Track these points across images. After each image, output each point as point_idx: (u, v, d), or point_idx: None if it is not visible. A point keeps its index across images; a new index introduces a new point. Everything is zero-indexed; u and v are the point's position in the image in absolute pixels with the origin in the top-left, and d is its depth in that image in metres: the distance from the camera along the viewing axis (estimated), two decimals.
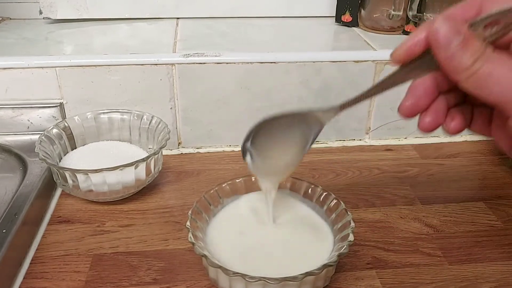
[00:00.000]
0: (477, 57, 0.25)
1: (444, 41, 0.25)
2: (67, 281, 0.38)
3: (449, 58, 0.26)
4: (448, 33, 0.25)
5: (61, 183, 0.46)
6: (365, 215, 0.47)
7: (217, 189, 0.42)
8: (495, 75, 0.25)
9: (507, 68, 0.24)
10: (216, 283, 0.36)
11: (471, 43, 0.25)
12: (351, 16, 0.64)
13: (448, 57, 0.26)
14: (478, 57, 0.25)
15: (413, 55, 0.28)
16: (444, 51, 0.26)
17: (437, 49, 0.26)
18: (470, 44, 0.25)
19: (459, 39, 0.25)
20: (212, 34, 0.62)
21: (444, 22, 0.25)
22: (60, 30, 0.63)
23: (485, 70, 0.25)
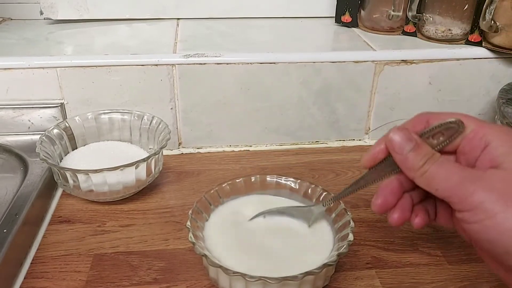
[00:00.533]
0: (426, 159, 0.30)
1: (398, 147, 0.31)
2: (67, 281, 0.38)
3: (403, 161, 0.31)
4: (401, 140, 0.31)
5: (62, 183, 0.46)
6: (365, 215, 0.47)
7: (217, 189, 0.42)
8: (439, 174, 0.30)
9: (449, 169, 0.30)
10: (216, 282, 0.37)
11: (421, 148, 0.31)
12: (350, 17, 0.64)
13: (402, 160, 0.31)
14: (427, 160, 0.30)
15: (377, 160, 0.34)
16: (399, 155, 0.31)
17: (394, 153, 0.32)
18: (420, 148, 0.31)
19: (411, 145, 0.31)
20: (212, 35, 0.62)
21: (398, 132, 0.32)
22: (61, 31, 0.63)
23: (432, 170, 0.30)
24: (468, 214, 0.28)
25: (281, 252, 0.38)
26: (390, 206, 0.34)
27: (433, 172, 0.30)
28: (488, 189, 0.28)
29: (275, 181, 0.44)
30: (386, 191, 0.34)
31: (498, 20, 0.54)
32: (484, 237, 0.28)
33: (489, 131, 0.30)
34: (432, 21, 0.59)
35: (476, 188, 0.28)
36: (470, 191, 0.28)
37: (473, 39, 0.57)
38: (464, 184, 0.29)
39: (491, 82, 0.58)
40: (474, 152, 0.31)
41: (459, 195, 0.29)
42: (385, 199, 0.33)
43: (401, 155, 0.31)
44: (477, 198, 0.28)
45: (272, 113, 0.57)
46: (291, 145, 0.60)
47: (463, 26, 0.57)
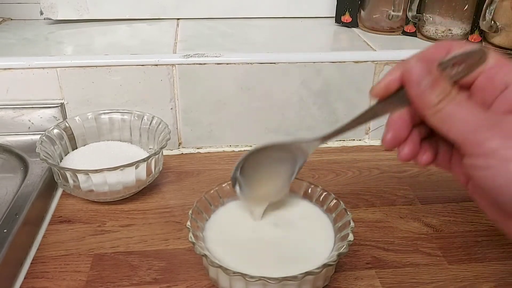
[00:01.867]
0: (443, 97, 0.28)
1: (415, 80, 0.29)
2: (68, 280, 0.38)
3: (419, 96, 0.29)
4: (419, 73, 0.29)
5: (62, 183, 0.46)
6: (365, 215, 0.47)
7: (217, 189, 0.42)
8: (455, 115, 0.28)
9: (465, 111, 0.28)
10: (216, 282, 0.37)
11: (439, 84, 0.29)
12: (351, 17, 0.64)
13: (418, 95, 0.29)
14: (444, 97, 0.28)
15: (390, 91, 0.31)
16: (415, 89, 0.29)
17: (409, 87, 0.30)
18: (438, 85, 0.29)
19: (429, 80, 0.29)
20: (213, 35, 0.62)
21: (417, 63, 0.29)
22: (61, 31, 0.63)
23: (448, 110, 0.28)
24: (480, 159, 0.27)
25: (281, 252, 0.38)
26: (401, 140, 0.32)
27: (449, 112, 0.28)
28: (504, 136, 0.26)
29: None
30: (396, 124, 0.32)
31: (498, 20, 0.54)
32: (492, 184, 0.27)
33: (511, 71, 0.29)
34: (432, 21, 0.59)
35: (493, 134, 0.27)
36: (486, 137, 0.27)
37: (473, 39, 0.57)
38: (481, 129, 0.27)
39: None
40: (493, 91, 0.29)
41: (474, 140, 0.27)
42: (396, 133, 0.32)
43: (417, 89, 0.29)
44: (492, 145, 0.26)
45: (272, 113, 0.57)
46: None
47: (463, 26, 0.57)
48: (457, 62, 0.29)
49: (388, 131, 0.32)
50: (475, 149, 0.27)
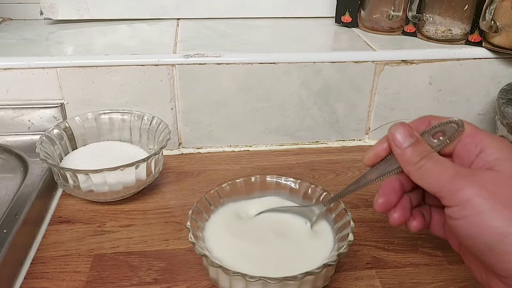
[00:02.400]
0: (423, 156, 0.32)
1: (398, 141, 0.33)
2: (67, 281, 0.38)
3: (402, 155, 0.33)
4: (402, 135, 0.33)
5: (62, 183, 0.46)
6: (365, 215, 0.47)
7: (217, 189, 0.42)
8: (434, 169, 0.31)
9: (443, 165, 0.31)
10: (216, 283, 0.37)
11: (420, 144, 0.32)
12: (350, 17, 0.64)
13: (401, 154, 0.33)
14: (424, 156, 0.32)
15: (379, 158, 0.35)
16: (398, 149, 0.33)
17: (394, 147, 0.33)
18: (419, 145, 0.32)
19: (411, 140, 0.32)
20: (213, 35, 0.62)
21: (399, 127, 0.33)
22: (61, 31, 0.63)
23: (427, 166, 0.31)
24: (456, 209, 0.29)
25: (281, 252, 0.38)
26: (392, 205, 0.34)
27: (428, 167, 0.31)
28: (477, 186, 0.29)
29: (275, 181, 0.44)
30: (387, 190, 0.34)
31: (498, 20, 0.54)
32: (468, 233, 0.29)
33: (485, 137, 0.32)
34: (432, 21, 0.59)
35: (466, 184, 0.29)
36: (460, 186, 0.29)
37: (473, 39, 0.57)
38: (456, 179, 0.29)
39: (491, 82, 0.58)
40: (469, 156, 0.32)
41: (450, 189, 0.29)
42: (387, 198, 0.34)
43: (400, 149, 0.33)
44: (466, 194, 0.29)
45: (272, 113, 0.57)
46: (291, 145, 0.60)
47: (463, 26, 0.57)
48: (436, 132, 0.33)
49: (380, 196, 0.34)
50: (451, 198, 0.29)
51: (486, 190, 0.28)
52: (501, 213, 0.27)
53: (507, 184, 0.28)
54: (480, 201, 0.28)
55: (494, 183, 0.29)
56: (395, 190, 0.34)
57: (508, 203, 0.28)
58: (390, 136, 0.33)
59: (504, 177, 0.29)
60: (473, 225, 0.28)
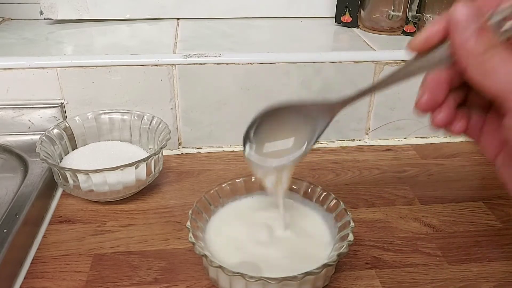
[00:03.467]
0: (489, 47, 0.26)
1: (462, 23, 0.26)
2: (68, 281, 0.38)
3: (464, 43, 0.26)
4: (467, 16, 0.26)
5: (62, 183, 0.46)
6: (365, 215, 0.47)
7: (217, 189, 0.42)
8: (500, 69, 0.25)
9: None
10: (216, 283, 0.37)
11: (486, 34, 0.26)
12: (350, 17, 0.64)
13: (462, 42, 0.26)
14: (490, 47, 0.26)
15: (431, 43, 0.28)
16: (460, 33, 0.26)
17: (454, 31, 0.27)
18: (485, 33, 0.26)
19: (476, 26, 0.26)
20: (212, 35, 0.62)
21: (466, 6, 0.26)
22: (61, 31, 0.63)
23: (494, 61, 0.26)
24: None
25: (281, 252, 0.38)
26: (437, 104, 0.30)
27: (494, 64, 0.26)
28: None
29: None
30: (434, 85, 0.29)
31: None
32: None
33: None
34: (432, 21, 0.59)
35: None
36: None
37: None
38: None
39: None
40: None
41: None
42: (433, 95, 0.29)
43: (462, 35, 0.26)
44: None
45: None
46: None
47: None
48: (506, 17, 0.27)
49: (424, 93, 0.29)
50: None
51: None
52: None
53: None
54: None
55: None
56: (443, 86, 0.29)
57: None
58: (451, 15, 0.27)
59: None
60: None
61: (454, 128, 0.31)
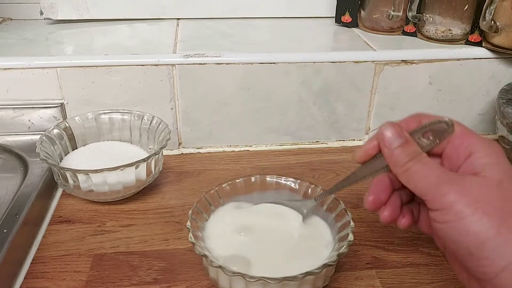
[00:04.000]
0: (412, 157, 0.31)
1: (387, 141, 0.32)
2: (67, 281, 0.38)
3: (390, 155, 0.32)
4: (391, 135, 0.32)
5: (62, 183, 0.46)
6: (365, 215, 0.47)
7: (217, 189, 0.42)
8: (420, 172, 0.31)
9: (429, 169, 0.31)
10: (216, 283, 0.37)
11: (409, 145, 0.32)
12: (350, 17, 0.64)
13: (389, 155, 0.32)
14: (413, 157, 0.31)
15: (370, 156, 0.35)
16: (387, 148, 0.32)
17: (383, 147, 0.33)
18: (408, 146, 0.32)
19: (400, 141, 0.32)
20: (212, 35, 0.62)
21: (389, 127, 0.33)
22: (61, 31, 0.63)
23: (415, 169, 0.31)
24: (438, 213, 0.29)
25: (281, 252, 0.38)
26: (382, 203, 0.34)
27: (415, 170, 0.31)
28: (461, 192, 0.29)
29: (275, 181, 0.44)
30: (377, 187, 0.34)
31: (498, 20, 0.54)
32: (450, 237, 0.29)
33: (475, 141, 0.31)
34: (432, 21, 0.59)
35: (449, 190, 0.29)
36: (444, 191, 0.29)
37: (473, 39, 0.57)
38: (440, 184, 0.30)
39: (491, 82, 0.58)
40: (458, 159, 0.32)
41: (433, 193, 0.30)
42: (377, 196, 0.34)
43: (389, 150, 0.32)
44: (448, 199, 0.29)
45: (272, 113, 0.57)
46: (291, 145, 0.60)
47: (463, 26, 0.57)
48: (427, 131, 0.33)
49: (370, 194, 0.34)
50: (435, 202, 0.30)
51: (469, 196, 0.28)
52: (481, 219, 0.27)
53: (490, 190, 0.29)
54: (461, 207, 0.28)
55: (478, 189, 0.29)
56: (385, 187, 0.34)
57: (489, 209, 0.28)
58: (380, 135, 0.33)
59: (489, 183, 0.29)
60: (455, 230, 0.28)
61: (399, 223, 0.35)
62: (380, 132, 0.33)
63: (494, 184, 0.29)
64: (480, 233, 0.27)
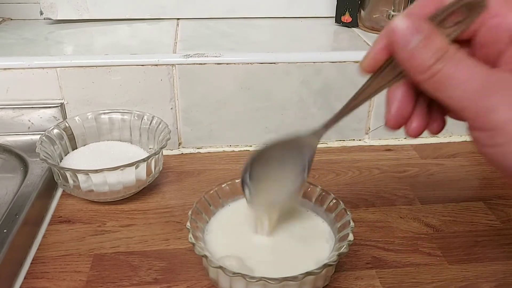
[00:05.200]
0: (439, 56, 0.23)
1: (402, 40, 0.24)
2: (68, 281, 0.38)
3: (409, 59, 0.24)
4: (406, 31, 0.24)
5: (62, 183, 0.46)
6: (365, 215, 0.47)
7: (217, 190, 0.42)
8: (456, 78, 0.23)
9: (467, 71, 0.23)
10: (216, 283, 0.37)
11: (433, 40, 0.24)
12: (351, 17, 0.64)
13: (407, 58, 0.24)
14: (441, 56, 0.24)
15: (379, 62, 0.27)
16: (403, 51, 0.24)
17: (396, 49, 0.25)
18: (432, 41, 0.24)
19: (419, 38, 0.24)
20: (212, 35, 0.62)
21: (402, 21, 0.24)
22: (61, 31, 0.63)
23: (447, 72, 0.23)
24: (485, 134, 0.23)
25: (281, 253, 0.38)
26: (406, 117, 0.28)
27: (447, 74, 0.23)
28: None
29: None
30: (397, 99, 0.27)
31: None
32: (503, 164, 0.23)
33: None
34: None
35: (500, 101, 0.22)
36: (492, 105, 0.22)
37: None
38: (487, 94, 0.22)
39: None
40: (498, 44, 0.25)
41: (477, 109, 0.23)
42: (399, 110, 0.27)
43: (405, 51, 0.24)
44: (500, 116, 0.22)
45: (272, 113, 0.57)
46: None
47: None
48: (452, 13, 0.24)
49: (390, 110, 0.27)
50: (481, 120, 0.23)
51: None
52: None
53: None
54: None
55: None
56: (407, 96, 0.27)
57: None
58: (390, 33, 0.25)
59: None
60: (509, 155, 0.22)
61: (431, 130, 0.29)
62: (390, 28, 0.25)
63: None
64: None
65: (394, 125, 0.28)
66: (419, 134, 0.28)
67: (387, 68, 0.27)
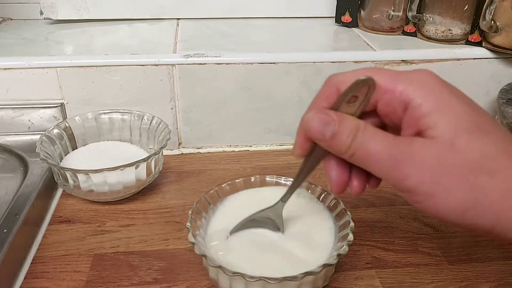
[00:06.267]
0: (354, 135, 0.27)
1: (318, 134, 0.28)
2: (67, 281, 0.38)
3: (329, 145, 0.28)
4: (319, 126, 0.28)
5: (62, 183, 0.46)
6: (365, 214, 0.47)
7: (217, 189, 0.42)
8: (371, 154, 0.27)
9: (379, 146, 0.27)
10: (216, 283, 0.37)
11: (345, 124, 0.28)
12: (351, 17, 0.64)
13: (327, 145, 0.28)
14: (355, 135, 0.27)
15: (307, 149, 0.31)
16: (322, 141, 0.29)
17: (317, 142, 0.29)
18: (344, 125, 0.28)
19: (332, 128, 0.28)
20: (213, 35, 0.62)
21: (314, 118, 0.28)
22: (61, 31, 0.63)
23: (363, 149, 0.27)
24: (408, 195, 0.27)
25: (281, 252, 0.38)
26: (346, 182, 0.31)
27: (364, 150, 0.27)
28: (419, 171, 0.26)
29: (274, 181, 0.44)
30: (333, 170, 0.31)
31: (498, 20, 0.54)
32: (432, 214, 0.27)
33: (404, 89, 0.27)
34: (432, 21, 0.59)
35: (407, 170, 0.26)
36: (404, 173, 0.26)
37: (473, 39, 0.57)
38: (395, 166, 0.27)
39: (491, 82, 0.58)
40: (396, 113, 0.28)
41: (393, 177, 0.27)
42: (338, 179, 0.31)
43: (324, 141, 0.28)
44: (411, 182, 0.26)
45: (272, 113, 0.57)
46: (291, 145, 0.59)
47: (463, 26, 0.57)
48: (350, 98, 0.29)
49: (331, 179, 0.31)
50: (398, 187, 0.27)
51: (429, 172, 0.26)
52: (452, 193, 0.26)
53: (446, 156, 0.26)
54: (427, 187, 0.26)
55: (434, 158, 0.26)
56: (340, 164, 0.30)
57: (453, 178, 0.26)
58: (307, 132, 0.29)
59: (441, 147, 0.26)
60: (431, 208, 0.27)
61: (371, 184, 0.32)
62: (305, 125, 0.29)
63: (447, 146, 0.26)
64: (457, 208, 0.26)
65: (339, 190, 0.31)
66: (362, 191, 0.31)
67: (315, 149, 0.31)
